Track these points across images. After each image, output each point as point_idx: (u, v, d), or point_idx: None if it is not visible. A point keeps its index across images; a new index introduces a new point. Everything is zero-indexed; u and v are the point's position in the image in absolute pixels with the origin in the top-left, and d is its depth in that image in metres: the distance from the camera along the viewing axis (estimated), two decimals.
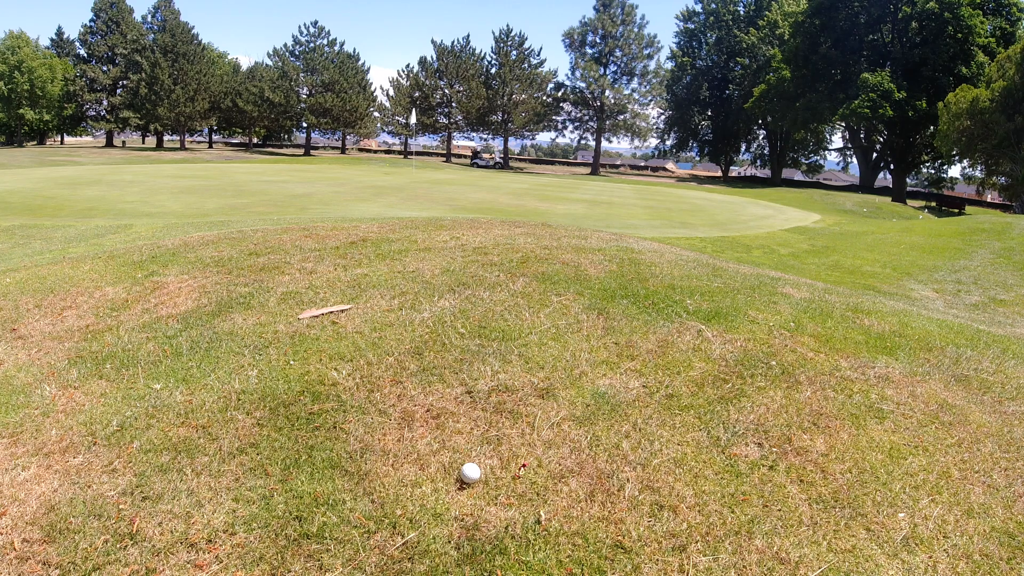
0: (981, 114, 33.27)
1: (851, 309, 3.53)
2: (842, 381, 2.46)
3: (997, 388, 2.57)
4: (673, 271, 3.91)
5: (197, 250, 4.31)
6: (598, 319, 2.91)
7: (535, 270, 3.62)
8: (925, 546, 1.61)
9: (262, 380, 2.30)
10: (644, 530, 1.60)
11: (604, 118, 61.63)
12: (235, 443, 1.91)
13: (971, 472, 1.95)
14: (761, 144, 66.45)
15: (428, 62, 62.38)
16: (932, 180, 54.57)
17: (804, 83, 47.94)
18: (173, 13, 51.82)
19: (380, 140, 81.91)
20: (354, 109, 56.02)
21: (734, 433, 2.06)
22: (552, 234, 5.00)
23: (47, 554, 1.47)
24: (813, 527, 1.65)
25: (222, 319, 2.91)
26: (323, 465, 1.81)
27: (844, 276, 10.61)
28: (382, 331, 2.73)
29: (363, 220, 6.18)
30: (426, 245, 4.36)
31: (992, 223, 19.34)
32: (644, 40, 60.59)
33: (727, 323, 2.94)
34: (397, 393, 2.23)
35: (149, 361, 2.49)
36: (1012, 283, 10.75)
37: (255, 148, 61.32)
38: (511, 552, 1.51)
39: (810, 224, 22.28)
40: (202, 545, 1.51)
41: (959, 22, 42.35)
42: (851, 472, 1.89)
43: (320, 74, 56.35)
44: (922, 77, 44.30)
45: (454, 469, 1.83)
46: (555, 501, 1.70)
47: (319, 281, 3.46)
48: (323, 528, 1.56)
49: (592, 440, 1.99)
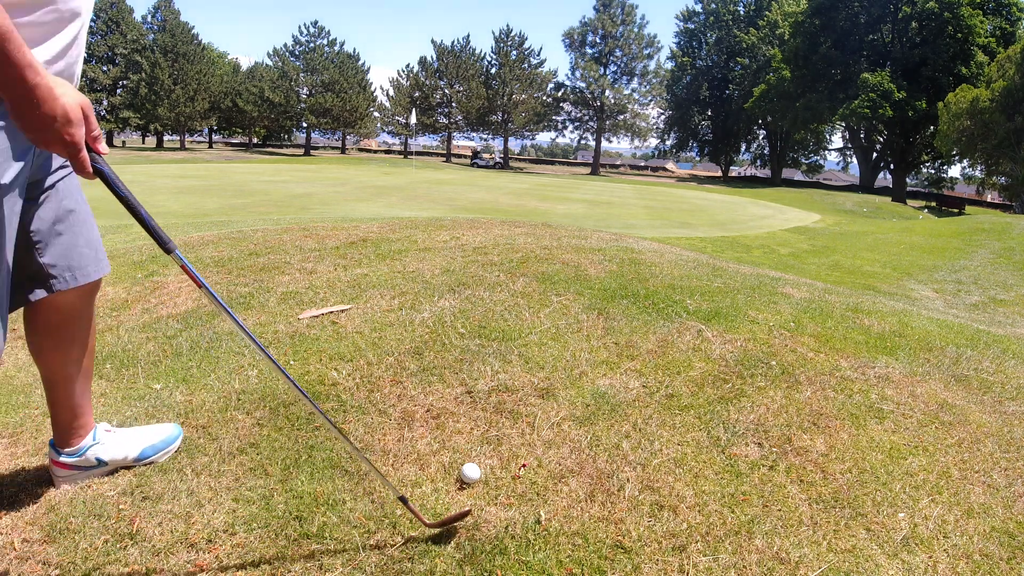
0: (981, 114, 33.26)
1: (851, 309, 3.53)
2: (842, 381, 2.46)
3: (997, 388, 2.57)
4: (673, 271, 3.91)
5: (197, 250, 4.31)
6: (598, 319, 2.91)
7: (535, 270, 3.62)
8: (925, 546, 1.61)
9: (262, 380, 2.30)
10: (644, 530, 1.60)
11: (604, 118, 61.59)
12: (235, 443, 1.91)
13: (971, 472, 1.95)
14: (761, 144, 66.41)
15: (428, 62, 62.34)
16: (932, 180, 54.53)
17: (804, 83, 47.92)
18: (173, 13, 51.78)
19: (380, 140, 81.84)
20: (354, 109, 55.99)
21: (734, 433, 2.06)
22: (552, 234, 5.00)
23: (47, 554, 1.47)
24: (813, 527, 1.65)
25: (222, 319, 2.91)
26: (323, 465, 1.81)
27: (844, 276, 10.62)
28: (382, 331, 2.73)
29: (363, 220, 6.18)
30: (426, 245, 4.36)
31: (992, 223, 19.35)
32: (644, 40, 60.54)
33: (727, 323, 2.94)
34: (397, 393, 2.23)
35: (149, 361, 2.49)
36: (1012, 283, 10.76)
37: (255, 148, 61.30)
38: (511, 552, 1.51)
39: (810, 224, 22.29)
40: (202, 545, 1.51)
41: (959, 22, 42.32)
42: (851, 472, 1.89)
43: (320, 74, 56.32)
44: (922, 77, 44.27)
45: (454, 469, 1.83)
46: (555, 501, 1.71)
47: (319, 281, 3.46)
48: (323, 528, 1.56)
49: (592, 440, 1.99)
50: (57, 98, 1.04)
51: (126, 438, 1.81)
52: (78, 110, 1.08)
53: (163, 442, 1.86)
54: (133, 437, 1.82)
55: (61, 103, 1.04)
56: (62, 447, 1.71)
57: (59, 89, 1.05)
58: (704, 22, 61.02)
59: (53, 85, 1.03)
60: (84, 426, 1.73)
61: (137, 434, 1.84)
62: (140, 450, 1.82)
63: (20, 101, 1.01)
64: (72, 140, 1.08)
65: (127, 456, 1.80)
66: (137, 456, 1.81)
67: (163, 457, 1.85)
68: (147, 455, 1.83)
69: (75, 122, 1.08)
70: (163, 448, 1.86)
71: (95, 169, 1.14)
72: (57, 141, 1.07)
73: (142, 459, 1.83)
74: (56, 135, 1.06)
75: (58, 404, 1.67)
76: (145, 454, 1.83)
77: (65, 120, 1.06)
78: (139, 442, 1.82)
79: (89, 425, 1.75)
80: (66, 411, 1.68)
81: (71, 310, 1.58)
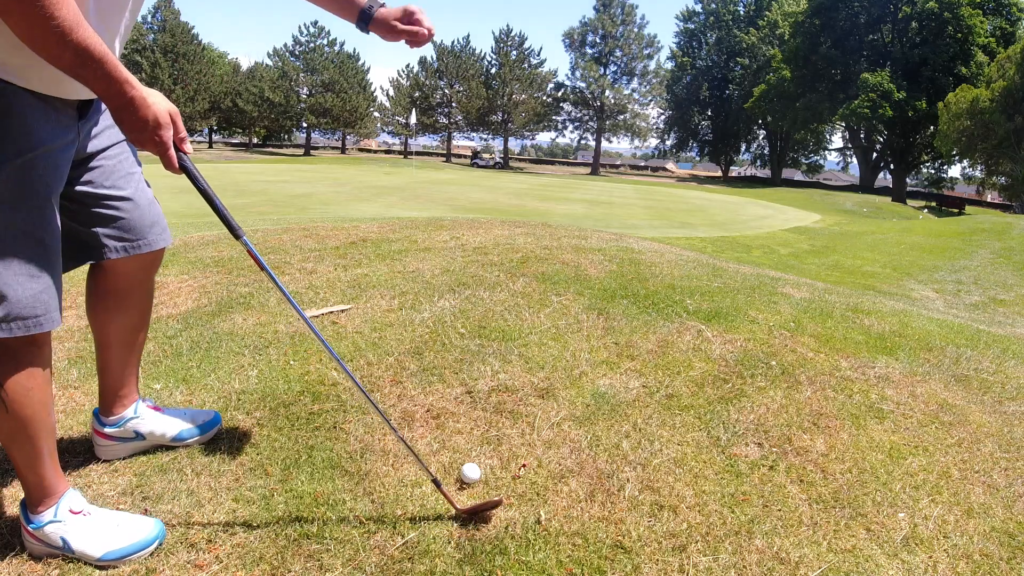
0: (981, 114, 33.26)
1: (851, 309, 3.53)
2: (842, 381, 2.46)
3: (997, 388, 2.57)
4: (673, 271, 3.91)
5: (197, 250, 4.31)
6: (598, 319, 2.91)
7: (535, 270, 3.62)
8: (925, 546, 1.61)
9: (262, 380, 2.30)
10: (644, 530, 1.60)
11: (604, 118, 61.57)
12: (235, 443, 1.92)
13: (971, 472, 1.95)
14: (761, 144, 66.39)
15: (428, 62, 62.31)
16: (932, 180, 54.51)
17: (804, 83, 47.91)
18: (173, 13, 51.75)
19: (380, 140, 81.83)
20: (354, 109, 55.98)
21: (734, 433, 2.06)
22: (552, 234, 5.01)
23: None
24: (813, 527, 1.65)
25: (222, 319, 2.91)
26: (323, 465, 1.81)
27: (844, 276, 10.62)
28: (382, 331, 2.73)
29: (363, 220, 6.19)
30: (426, 245, 4.36)
31: (992, 223, 19.36)
32: (644, 40, 60.54)
33: (727, 323, 2.94)
34: (397, 393, 2.23)
35: (149, 361, 2.49)
36: (1012, 283, 10.76)
37: (255, 148, 61.30)
38: (511, 552, 1.51)
39: (810, 224, 22.30)
40: (202, 545, 1.51)
41: (959, 22, 42.31)
42: (851, 472, 1.89)
43: (320, 74, 56.30)
44: (922, 77, 44.26)
45: (454, 469, 1.83)
46: (555, 501, 1.71)
47: (319, 281, 3.46)
48: (323, 528, 1.56)
49: (592, 440, 1.99)
50: (149, 106, 1.25)
51: (167, 417, 1.88)
52: (167, 116, 1.30)
53: (201, 427, 1.92)
54: (174, 417, 1.89)
55: (153, 111, 1.26)
56: (106, 415, 1.80)
57: (151, 99, 1.26)
58: (704, 22, 61.01)
59: (146, 95, 1.24)
60: (128, 396, 1.82)
61: (178, 415, 1.91)
62: (178, 431, 1.88)
63: (119, 110, 1.24)
64: (161, 140, 1.30)
65: (165, 434, 1.86)
66: (175, 436, 1.88)
67: (199, 441, 1.92)
68: (184, 437, 1.89)
69: (164, 126, 1.29)
70: (200, 433, 1.92)
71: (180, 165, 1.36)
72: (149, 141, 1.29)
73: (179, 440, 1.89)
74: (149, 136, 1.28)
75: (107, 370, 1.76)
76: (182, 436, 1.89)
77: (156, 124, 1.27)
78: (178, 423, 1.89)
79: (133, 396, 1.84)
80: (114, 378, 1.78)
81: (131, 279, 1.69)
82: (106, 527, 1.49)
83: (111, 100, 1.22)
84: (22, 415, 1.37)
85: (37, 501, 1.47)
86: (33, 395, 1.38)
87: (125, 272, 1.66)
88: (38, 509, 1.47)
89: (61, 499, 1.49)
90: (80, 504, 1.51)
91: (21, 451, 1.41)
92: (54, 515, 1.46)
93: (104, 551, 1.46)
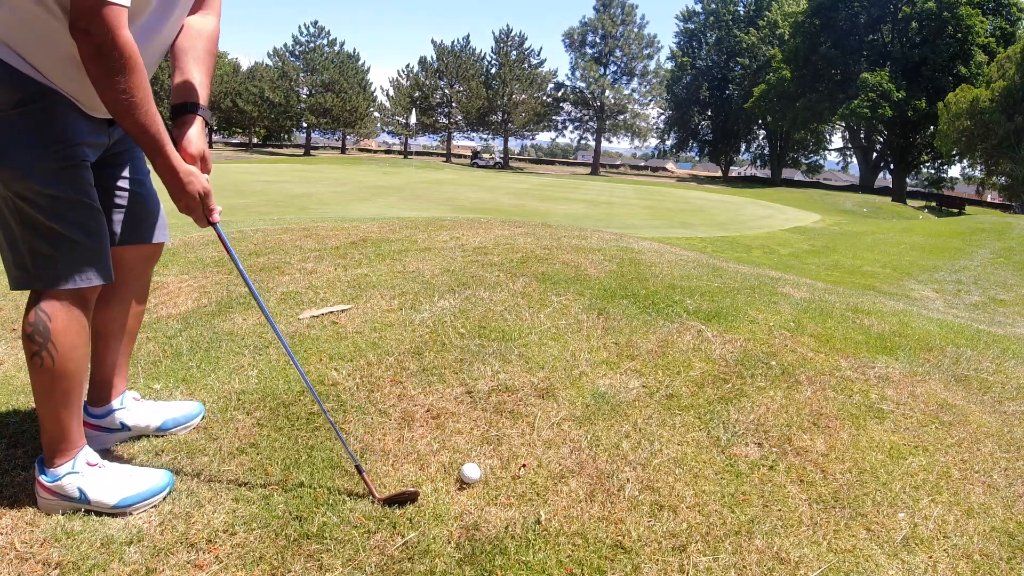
0: (981, 114, 33.26)
1: (851, 309, 3.53)
2: (842, 381, 2.46)
3: (997, 388, 2.57)
4: (673, 271, 3.91)
5: (197, 250, 4.31)
6: (598, 319, 2.91)
7: (535, 270, 3.62)
8: (925, 546, 1.61)
9: (262, 380, 2.30)
10: (644, 530, 1.60)
11: (604, 118, 61.55)
12: (235, 443, 1.92)
13: (971, 472, 1.95)
14: (761, 144, 66.38)
15: (428, 62, 62.29)
16: (932, 180, 54.50)
17: (804, 83, 47.90)
18: None
19: (380, 140, 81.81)
20: (354, 109, 55.95)
21: (734, 433, 2.06)
22: (552, 234, 5.00)
23: (47, 555, 1.47)
24: (813, 527, 1.65)
25: (222, 319, 2.91)
26: (323, 465, 1.81)
27: (844, 276, 10.61)
28: (382, 331, 2.73)
29: (363, 220, 6.18)
30: (426, 245, 4.36)
31: (992, 223, 19.37)
32: (644, 40, 60.52)
33: (727, 323, 2.94)
34: (397, 393, 2.23)
35: (149, 361, 2.49)
36: (1012, 283, 10.76)
37: (255, 148, 61.28)
38: (511, 552, 1.51)
39: (810, 224, 22.30)
40: (202, 545, 1.51)
41: (959, 22, 42.30)
42: (851, 472, 1.89)
43: (320, 74, 56.27)
44: (922, 77, 44.25)
45: (454, 469, 1.83)
46: (555, 501, 1.71)
47: (319, 281, 3.46)
48: (323, 528, 1.56)
49: (592, 440, 1.99)
50: (186, 185, 1.56)
51: (151, 408, 1.95)
52: (198, 193, 1.59)
53: (184, 416, 1.99)
54: (158, 408, 1.96)
55: (189, 190, 1.56)
56: (94, 406, 1.86)
57: (190, 178, 1.56)
58: (704, 22, 61.01)
59: (188, 172, 1.55)
60: (116, 387, 1.89)
61: (162, 407, 1.98)
62: (162, 421, 1.95)
63: (167, 183, 1.56)
64: (190, 208, 1.60)
65: (149, 425, 1.93)
66: (158, 426, 1.95)
67: (182, 431, 1.97)
68: (168, 427, 1.96)
69: (195, 199, 1.59)
70: (184, 422, 1.98)
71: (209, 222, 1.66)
72: (184, 208, 1.60)
73: (163, 430, 1.95)
74: (183, 205, 1.59)
75: (100, 360, 1.83)
76: (166, 425, 1.96)
77: (190, 198, 1.58)
78: (162, 414, 1.96)
79: (120, 388, 1.91)
80: (106, 368, 1.85)
81: (131, 270, 1.80)
82: (120, 477, 1.63)
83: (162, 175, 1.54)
84: (65, 368, 1.53)
85: (57, 453, 1.58)
86: (78, 351, 1.55)
87: (125, 263, 1.75)
88: (56, 462, 1.58)
89: (79, 453, 1.62)
90: (95, 458, 1.65)
91: (53, 402, 1.55)
92: (72, 467, 1.59)
93: (119, 498, 1.59)
